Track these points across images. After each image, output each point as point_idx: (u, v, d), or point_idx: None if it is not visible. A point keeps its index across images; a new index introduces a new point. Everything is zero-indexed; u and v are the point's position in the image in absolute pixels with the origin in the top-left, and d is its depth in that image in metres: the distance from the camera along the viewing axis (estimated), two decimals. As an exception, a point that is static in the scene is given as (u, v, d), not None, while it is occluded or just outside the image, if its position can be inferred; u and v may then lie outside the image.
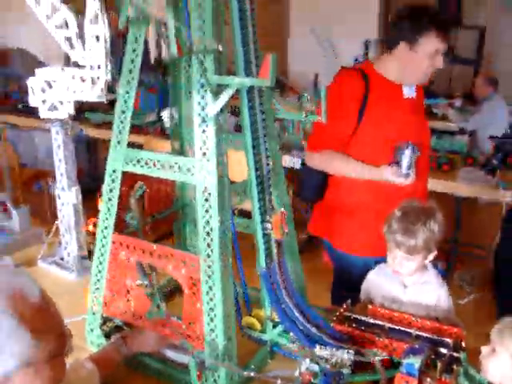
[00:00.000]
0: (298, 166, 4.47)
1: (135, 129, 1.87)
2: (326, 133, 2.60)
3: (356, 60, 5.40)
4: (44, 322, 1.27)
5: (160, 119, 5.35)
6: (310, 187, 2.85)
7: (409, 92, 2.68)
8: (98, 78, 2.37)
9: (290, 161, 4.39)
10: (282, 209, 1.96)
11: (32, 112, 6.17)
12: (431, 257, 2.24)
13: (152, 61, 6.57)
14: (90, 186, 2.76)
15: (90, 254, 2.81)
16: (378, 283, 2.35)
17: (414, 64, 2.56)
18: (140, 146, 4.68)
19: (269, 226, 1.91)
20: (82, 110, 5.59)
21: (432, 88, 6.68)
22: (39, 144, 6.59)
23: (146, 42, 1.93)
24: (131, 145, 1.90)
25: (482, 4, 7.82)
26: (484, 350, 1.83)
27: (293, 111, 1.89)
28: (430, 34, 2.49)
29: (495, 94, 6.04)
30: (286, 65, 8.49)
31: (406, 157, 2.48)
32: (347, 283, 2.74)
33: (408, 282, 2.27)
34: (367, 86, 2.58)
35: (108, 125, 5.40)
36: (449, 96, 6.90)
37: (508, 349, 1.71)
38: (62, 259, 2.85)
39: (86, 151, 6.50)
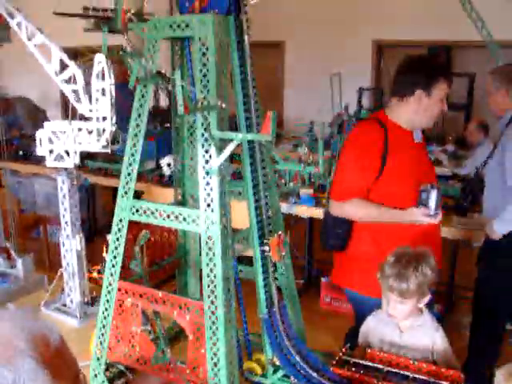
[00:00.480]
0: (293, 212, 4.56)
1: None
2: (351, 182, 2.76)
3: (346, 107, 5.56)
4: (62, 365, 1.32)
5: (159, 167, 5.49)
6: (335, 236, 2.89)
7: (417, 136, 2.89)
8: (104, 129, 2.48)
9: (288, 208, 4.48)
10: (280, 232, 2.04)
11: (32, 158, 6.32)
12: (425, 300, 2.30)
13: (151, 110, 6.72)
14: (88, 232, 2.84)
15: (93, 300, 2.87)
16: (375, 328, 2.41)
17: (428, 108, 2.76)
18: (139, 193, 4.77)
19: (267, 248, 1.97)
20: (82, 157, 5.72)
21: (425, 133, 6.83)
22: (38, 190, 6.68)
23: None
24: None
25: (470, 53, 8.07)
26: (499, 374, 1.86)
27: (289, 157, 2.00)
28: (441, 81, 2.73)
29: (486, 140, 6.18)
30: (282, 113, 8.69)
31: (433, 198, 2.61)
32: None
33: (404, 326, 2.33)
34: (386, 134, 2.75)
35: (106, 171, 5.52)
36: (441, 141, 7.04)
37: None
38: (64, 305, 2.90)
39: (85, 197, 6.58)
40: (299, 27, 8.55)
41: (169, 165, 5.03)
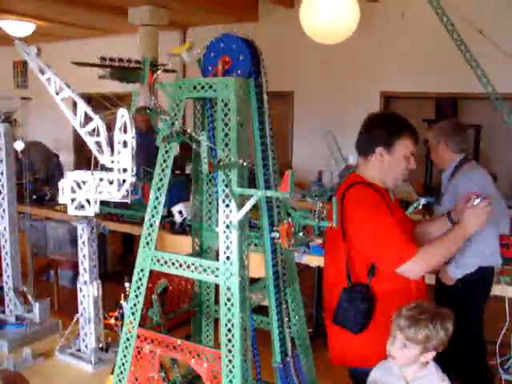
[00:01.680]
0: (303, 261, 4.64)
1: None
2: (402, 235, 2.59)
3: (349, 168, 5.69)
4: None
5: (170, 214, 5.58)
6: (356, 318, 2.60)
7: (391, 196, 2.85)
8: (124, 180, 2.58)
9: (297, 257, 4.56)
10: (289, 219, 1.99)
11: (45, 203, 6.43)
12: (428, 357, 2.32)
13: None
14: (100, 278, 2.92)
15: (108, 346, 2.93)
16: (381, 380, 2.45)
17: (391, 167, 2.71)
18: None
19: (276, 234, 1.93)
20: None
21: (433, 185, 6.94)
22: (50, 234, 6.79)
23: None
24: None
25: (477, 105, 8.23)
26: None
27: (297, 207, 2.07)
28: (405, 137, 2.69)
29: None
30: (291, 161, 8.86)
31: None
32: None
33: (408, 376, 2.37)
34: (378, 193, 2.69)
35: (117, 217, 5.61)
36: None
37: None
38: (79, 350, 2.95)
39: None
40: (308, 78, 8.78)
41: (180, 212, 5.13)
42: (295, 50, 8.66)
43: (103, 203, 5.79)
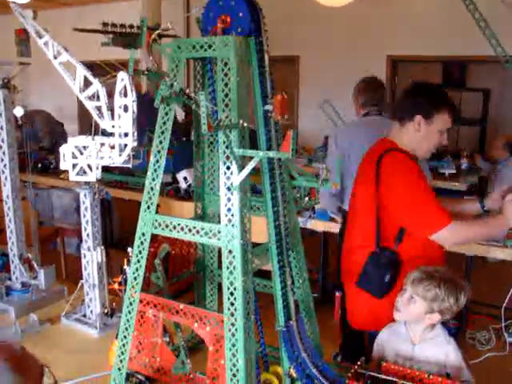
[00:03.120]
0: (308, 226, 4.63)
1: None
2: (438, 203, 2.62)
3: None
4: (26, 367, 1.46)
5: (175, 181, 5.57)
6: (381, 283, 2.65)
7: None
8: (126, 145, 2.55)
9: (303, 222, 4.55)
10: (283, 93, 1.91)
11: (50, 171, 6.42)
12: (434, 318, 2.32)
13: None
14: (104, 244, 2.91)
15: (113, 311, 2.93)
16: (388, 340, 2.45)
17: (426, 138, 2.72)
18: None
19: (270, 107, 1.89)
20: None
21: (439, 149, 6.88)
22: (55, 202, 6.79)
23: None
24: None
25: (485, 68, 8.10)
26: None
27: (304, 171, 2.04)
28: (445, 112, 2.69)
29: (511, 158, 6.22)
30: (297, 126, 8.78)
31: None
32: None
33: (416, 338, 2.37)
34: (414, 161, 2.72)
35: (122, 184, 5.60)
36: (456, 155, 7.07)
37: None
38: (84, 316, 2.96)
39: (101, 210, 6.67)
40: (313, 42, 8.65)
41: (185, 179, 5.10)
42: (301, 14, 8.51)
43: (107, 170, 5.82)
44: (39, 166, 6.54)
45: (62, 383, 2.26)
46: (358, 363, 2.20)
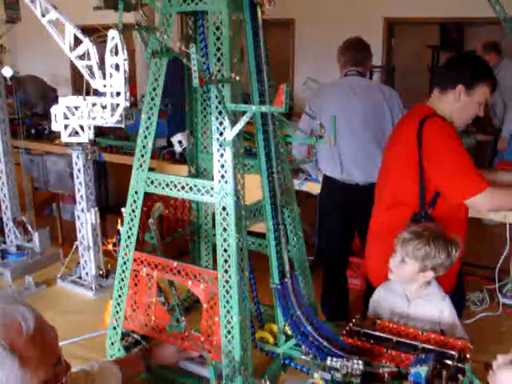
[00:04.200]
0: (304, 188, 4.61)
1: None
2: (476, 169, 2.64)
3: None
4: (35, 352, 1.31)
5: (170, 144, 5.52)
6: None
7: None
8: (118, 104, 2.51)
9: (298, 185, 4.53)
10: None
11: (44, 137, 6.36)
12: (428, 276, 2.33)
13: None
14: (100, 209, 2.89)
15: (108, 273, 2.93)
16: (384, 298, 2.46)
17: (465, 108, 2.73)
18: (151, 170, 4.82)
19: None
20: (94, 135, 5.73)
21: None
22: (50, 168, 6.74)
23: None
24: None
25: (483, 30, 8.00)
26: (501, 358, 1.90)
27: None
28: (486, 84, 2.69)
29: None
30: (293, 89, 8.68)
31: None
32: None
33: (411, 295, 2.38)
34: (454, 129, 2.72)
35: (118, 149, 5.55)
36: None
37: None
38: (80, 278, 2.96)
39: (97, 175, 6.64)
40: (309, 5, 8.50)
41: (180, 142, 5.06)
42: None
43: (102, 135, 5.75)
44: (33, 132, 6.49)
45: (58, 343, 2.27)
46: (353, 321, 2.21)
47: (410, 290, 2.38)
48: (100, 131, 5.98)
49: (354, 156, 3.70)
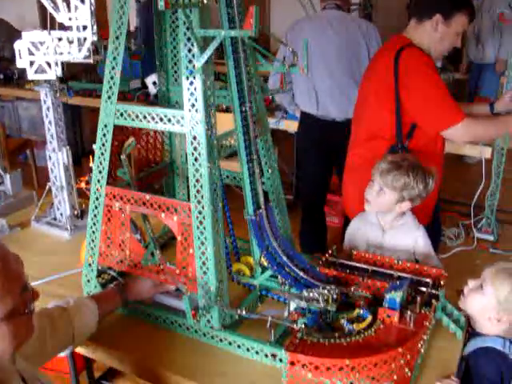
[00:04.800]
0: (281, 127, 4.57)
1: (119, 95, 1.94)
2: (454, 100, 2.61)
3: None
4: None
5: (144, 86, 5.42)
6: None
7: None
8: (85, 39, 2.42)
9: (275, 123, 4.48)
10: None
11: (13, 82, 6.18)
12: (404, 206, 2.33)
13: (135, 28, 6.53)
14: (76, 154, 2.84)
15: (83, 213, 2.90)
16: (359, 229, 2.47)
17: (442, 38, 2.68)
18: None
19: None
20: (65, 79, 5.59)
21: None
22: (22, 114, 6.59)
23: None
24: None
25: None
26: (471, 283, 1.94)
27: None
28: (464, 13, 2.64)
29: None
30: (269, 30, 8.50)
31: None
32: None
33: (386, 225, 2.39)
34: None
35: (90, 92, 5.43)
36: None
37: (497, 291, 1.81)
38: (54, 219, 2.92)
39: (71, 121, 6.52)
40: None
41: (154, 83, 4.96)
42: None
43: (75, 79, 5.60)
44: (1, 76, 6.30)
45: (33, 282, 2.25)
46: (330, 252, 2.22)
47: (386, 221, 2.39)
48: (72, 75, 5.84)
49: (330, 91, 3.65)
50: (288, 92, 3.93)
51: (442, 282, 2.03)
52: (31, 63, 2.55)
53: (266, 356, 1.85)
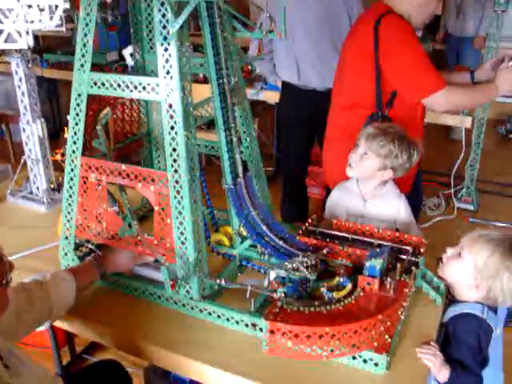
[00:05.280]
0: (260, 98, 4.52)
1: (96, 68, 1.89)
2: (434, 68, 2.56)
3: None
4: None
5: (122, 58, 5.31)
6: None
7: None
8: (56, 6, 2.35)
9: (254, 94, 4.43)
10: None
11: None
12: (386, 175, 2.31)
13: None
14: (53, 129, 2.77)
15: (59, 186, 2.85)
16: (340, 198, 2.45)
17: (423, 6, 2.63)
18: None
19: None
20: (40, 50, 5.46)
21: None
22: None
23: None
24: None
25: None
26: (450, 251, 1.94)
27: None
28: None
29: None
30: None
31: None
32: None
33: (367, 194, 2.37)
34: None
35: (66, 65, 5.32)
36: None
37: (475, 257, 1.81)
38: (31, 193, 2.87)
39: (47, 95, 6.40)
40: None
41: (131, 55, 4.85)
42: None
43: (50, 51, 5.48)
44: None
45: (10, 257, 2.21)
46: (310, 221, 2.21)
47: (367, 190, 2.37)
48: (48, 47, 5.71)
49: (311, 59, 3.60)
50: (269, 61, 3.88)
51: (421, 250, 2.04)
52: (0, 32, 2.47)
53: (247, 326, 1.84)
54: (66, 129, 2.27)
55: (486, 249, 1.79)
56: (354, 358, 1.72)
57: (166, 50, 1.68)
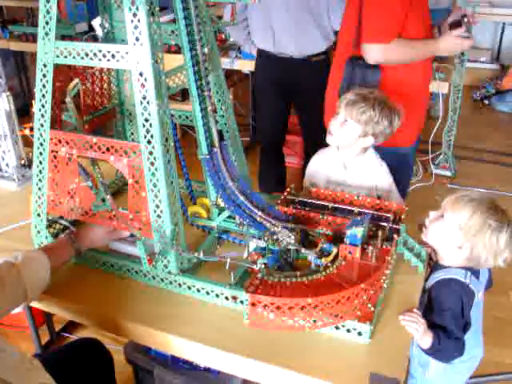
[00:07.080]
0: (235, 67, 4.43)
1: (65, 40, 1.79)
2: (390, 20, 2.44)
3: None
4: None
5: (91, 29, 5.17)
6: None
7: None
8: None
9: (229, 63, 4.34)
10: None
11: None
12: (367, 142, 2.28)
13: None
14: (23, 104, 2.67)
15: (30, 162, 2.76)
16: (320, 165, 2.41)
17: None
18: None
19: None
20: (4, 21, 5.27)
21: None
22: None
23: None
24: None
25: None
26: (432, 214, 1.93)
27: None
28: None
29: None
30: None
31: (465, 20, 2.48)
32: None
33: (348, 161, 2.34)
34: None
35: (33, 37, 5.16)
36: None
37: (457, 217, 1.79)
38: (0, 170, 2.78)
39: (15, 69, 6.22)
40: None
41: (101, 25, 4.72)
42: None
43: (15, 23, 5.30)
44: None
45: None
46: (288, 190, 2.17)
47: (347, 157, 2.33)
48: (13, 19, 5.53)
49: (286, 26, 3.52)
50: (244, 29, 3.79)
51: (402, 217, 2.01)
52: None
53: (227, 298, 1.80)
54: (33, 102, 2.18)
55: (468, 208, 1.78)
56: (337, 328, 1.69)
57: (134, 15, 1.60)
